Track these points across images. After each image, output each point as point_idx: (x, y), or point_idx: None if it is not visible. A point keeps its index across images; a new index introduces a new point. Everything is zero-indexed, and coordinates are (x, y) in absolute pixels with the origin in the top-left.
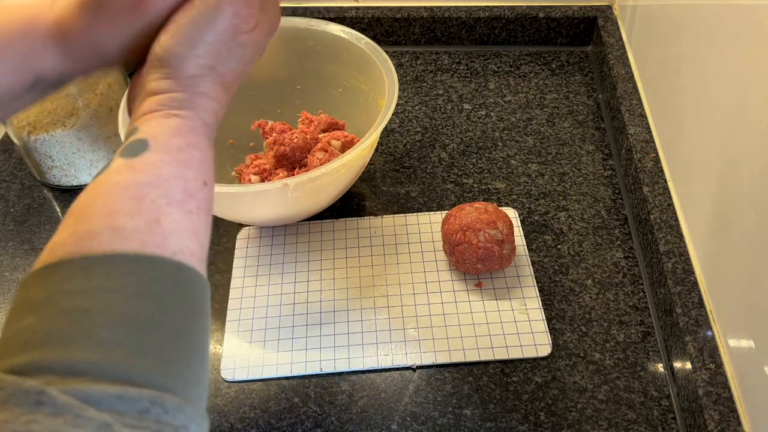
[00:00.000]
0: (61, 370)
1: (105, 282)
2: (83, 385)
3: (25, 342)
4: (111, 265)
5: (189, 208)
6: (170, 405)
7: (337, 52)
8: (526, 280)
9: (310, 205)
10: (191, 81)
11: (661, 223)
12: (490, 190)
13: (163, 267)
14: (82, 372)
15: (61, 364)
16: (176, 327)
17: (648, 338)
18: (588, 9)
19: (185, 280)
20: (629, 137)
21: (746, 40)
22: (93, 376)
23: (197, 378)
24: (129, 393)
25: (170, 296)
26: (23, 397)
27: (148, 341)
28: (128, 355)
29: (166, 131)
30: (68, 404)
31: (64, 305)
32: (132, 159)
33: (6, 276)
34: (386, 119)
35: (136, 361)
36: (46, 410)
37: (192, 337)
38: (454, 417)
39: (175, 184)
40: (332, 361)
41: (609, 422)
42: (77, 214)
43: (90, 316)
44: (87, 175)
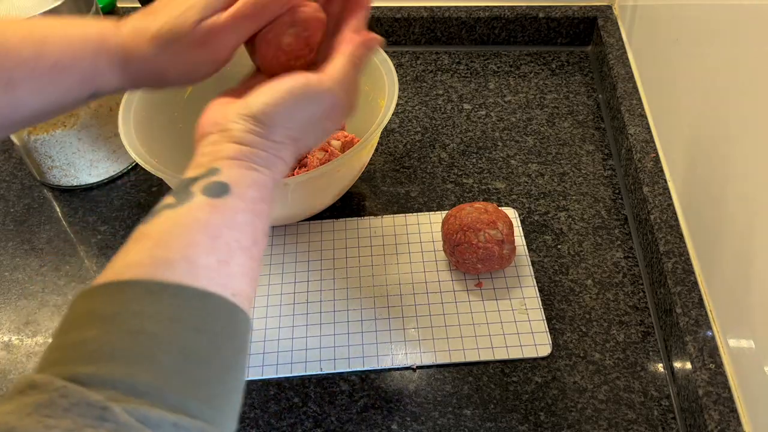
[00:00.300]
0: (123, 387)
1: (173, 311)
2: (144, 408)
3: (91, 352)
4: (179, 296)
5: (253, 254)
6: None
7: None
8: (526, 280)
9: (310, 205)
10: (276, 146)
11: (661, 223)
12: (490, 190)
13: (221, 306)
14: (144, 393)
15: (125, 382)
16: (225, 363)
17: (648, 338)
18: (588, 9)
19: (236, 320)
20: (629, 137)
21: (746, 40)
22: (153, 400)
23: (235, 413)
24: (183, 422)
25: (223, 334)
26: (87, 409)
27: (202, 374)
28: (185, 385)
29: (246, 181)
30: (129, 424)
31: (132, 324)
32: (214, 199)
33: (6, 276)
34: (386, 119)
35: (193, 392)
36: (108, 426)
37: (235, 374)
38: (454, 417)
39: (247, 231)
40: (332, 362)
41: (609, 422)
42: (156, 238)
43: (154, 341)
44: (87, 175)
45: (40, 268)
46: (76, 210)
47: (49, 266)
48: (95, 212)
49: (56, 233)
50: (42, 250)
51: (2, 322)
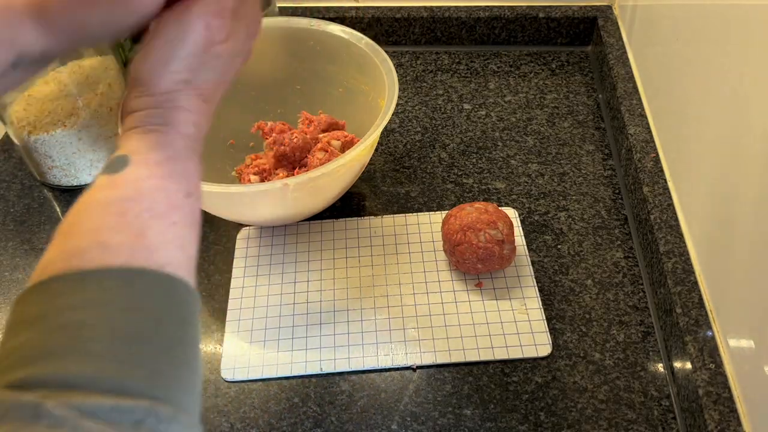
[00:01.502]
0: (55, 383)
1: (97, 296)
2: (78, 398)
3: (21, 358)
4: (102, 280)
5: (173, 219)
6: (164, 415)
7: (337, 52)
8: (526, 280)
9: (310, 205)
10: (167, 97)
11: (661, 223)
12: (490, 190)
13: (151, 280)
14: (77, 385)
15: (56, 377)
16: (167, 338)
17: (648, 338)
18: (588, 9)
19: (174, 291)
20: (629, 137)
21: (746, 40)
22: (87, 389)
23: (189, 388)
24: (123, 404)
25: (160, 308)
26: (21, 411)
27: (141, 353)
28: (121, 367)
29: (144, 146)
30: (65, 417)
31: (58, 320)
32: (113, 175)
33: (6, 276)
34: (386, 119)
35: (129, 372)
36: (44, 423)
37: (183, 348)
38: (454, 417)
39: (157, 198)
40: (332, 361)
41: (609, 422)
42: (65, 232)
43: (83, 329)
44: (87, 175)
45: None
46: None
47: None
48: None
49: None
50: (42, 250)
51: (2, 322)
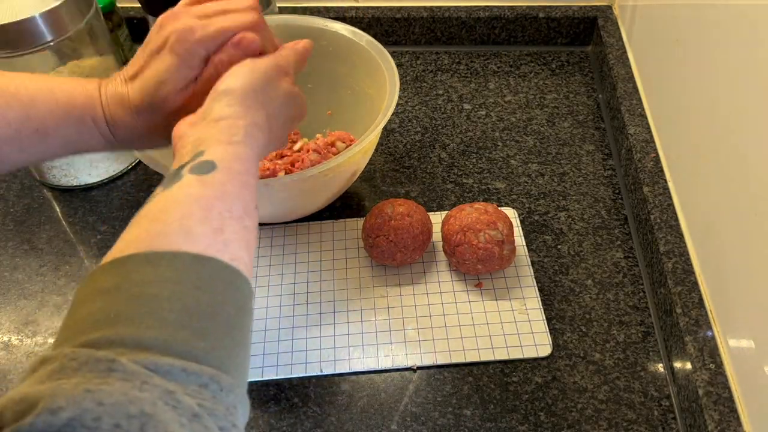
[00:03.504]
0: (131, 344)
1: (170, 274)
2: (152, 357)
3: (96, 321)
4: (176, 261)
5: (245, 224)
6: (225, 384)
7: (348, 55)
8: (526, 280)
9: (302, 206)
10: (250, 111)
11: (661, 223)
12: (490, 190)
13: (220, 268)
14: (151, 347)
15: (131, 339)
16: (229, 320)
17: (648, 338)
18: (588, 9)
19: (237, 282)
20: (629, 137)
21: (746, 40)
22: (160, 351)
23: (243, 366)
24: (192, 368)
25: (224, 293)
26: (96, 364)
27: (207, 327)
28: (191, 336)
29: (229, 155)
30: (137, 372)
31: (133, 291)
32: (203, 176)
33: (6, 276)
34: (383, 122)
35: (197, 342)
36: (116, 375)
37: (240, 331)
38: (454, 417)
39: (236, 202)
40: (332, 363)
41: (609, 422)
42: (151, 216)
43: (157, 301)
44: (87, 175)
45: (40, 268)
46: (76, 210)
47: (49, 266)
48: (95, 212)
49: (56, 233)
50: (42, 250)
51: (2, 322)
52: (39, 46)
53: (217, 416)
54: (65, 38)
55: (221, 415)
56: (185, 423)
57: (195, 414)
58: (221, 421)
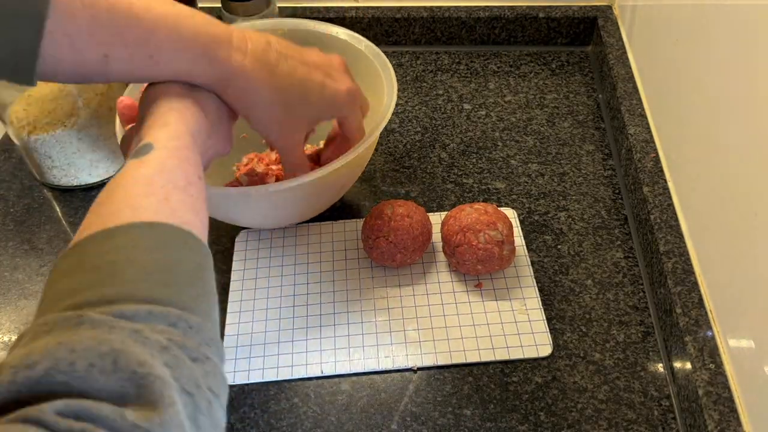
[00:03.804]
0: (95, 302)
1: (125, 242)
2: (116, 307)
3: (61, 296)
4: (130, 231)
5: (190, 192)
6: (194, 323)
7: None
8: (526, 280)
9: (300, 210)
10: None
11: (661, 223)
12: (490, 190)
13: (173, 231)
14: (114, 301)
15: (95, 298)
16: (188, 274)
17: (648, 338)
18: (588, 9)
19: (192, 243)
20: (629, 137)
21: (746, 40)
22: (125, 301)
23: (211, 312)
24: (158, 309)
25: (180, 252)
26: (65, 322)
27: (168, 279)
28: (153, 287)
29: (164, 135)
30: (104, 320)
31: (92, 263)
32: (141, 158)
33: (6, 276)
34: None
35: (161, 290)
36: (85, 327)
37: (202, 284)
38: (454, 417)
39: (177, 173)
40: (333, 364)
41: (609, 422)
42: (100, 202)
43: (115, 265)
44: (87, 175)
45: (40, 268)
46: (76, 210)
47: (49, 266)
48: None
49: (56, 233)
50: (42, 250)
51: (2, 322)
52: None
53: (188, 348)
54: None
55: (192, 348)
56: (155, 354)
57: (164, 347)
58: (193, 353)
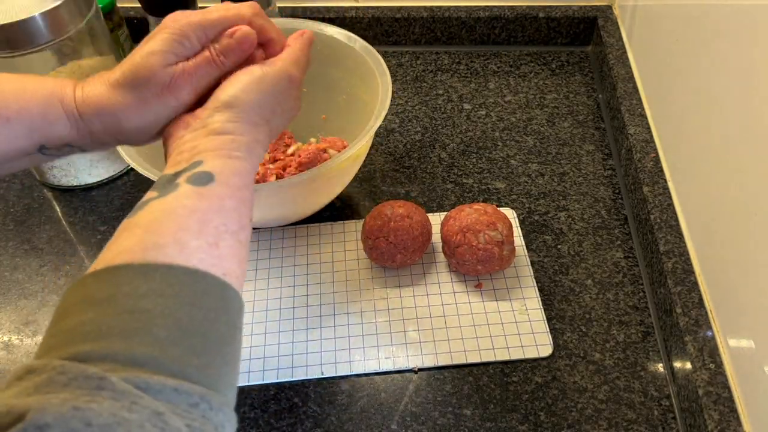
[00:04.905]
0: (122, 360)
1: (163, 288)
2: (144, 375)
3: (86, 333)
4: (170, 275)
5: (240, 238)
6: (215, 403)
7: (343, 59)
8: (526, 280)
9: (293, 211)
10: (253, 128)
11: (661, 223)
12: (490, 190)
13: (212, 283)
14: (143, 363)
15: (123, 355)
16: (220, 336)
17: (648, 338)
18: (588, 9)
19: (228, 297)
20: (629, 137)
21: (746, 40)
22: (152, 369)
23: (232, 384)
24: (183, 387)
25: (216, 309)
26: (85, 381)
27: (199, 344)
28: (183, 353)
29: (228, 170)
30: (127, 391)
31: (125, 304)
32: (200, 188)
33: (6, 276)
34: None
35: (189, 359)
36: (106, 394)
37: (231, 348)
38: (454, 417)
39: (233, 216)
40: (333, 365)
41: (609, 422)
42: (145, 226)
43: (149, 316)
44: (87, 175)
45: (40, 268)
46: (76, 210)
47: (49, 266)
48: (95, 212)
49: (56, 233)
50: (42, 250)
51: (2, 322)
52: (39, 46)
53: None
54: (65, 38)
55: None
56: None
57: None
58: None
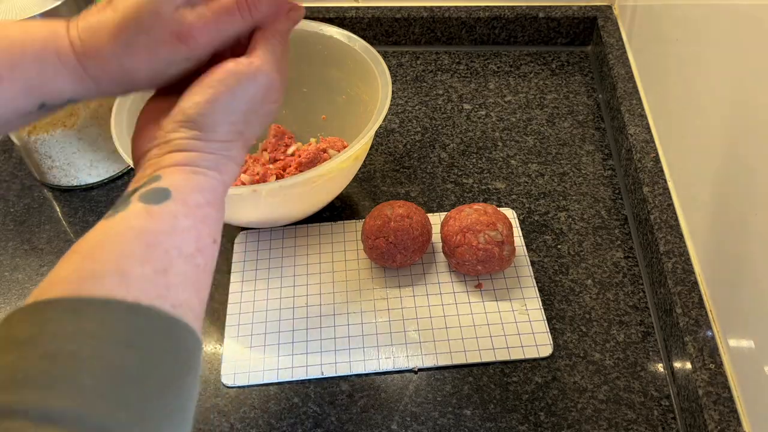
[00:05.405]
0: (36, 415)
1: (95, 328)
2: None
3: (2, 381)
4: (104, 312)
5: (197, 262)
6: None
7: (343, 59)
8: (526, 280)
9: (292, 211)
10: (222, 146)
11: (661, 223)
12: (490, 190)
13: (157, 319)
14: (59, 420)
15: (38, 409)
16: (162, 382)
17: (648, 338)
18: (588, 9)
19: (178, 335)
20: (629, 137)
21: (746, 40)
22: (68, 426)
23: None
24: None
25: (160, 350)
26: None
27: (132, 393)
28: (109, 406)
29: (188, 186)
30: None
31: (49, 347)
32: (152, 206)
33: (6, 276)
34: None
35: (116, 413)
36: None
37: (177, 394)
38: (454, 417)
39: (188, 238)
40: (333, 365)
41: (609, 422)
42: (85, 252)
43: (74, 361)
44: (87, 175)
45: (40, 268)
46: (76, 210)
47: (49, 266)
48: (95, 212)
49: (56, 233)
50: (42, 250)
51: None
52: None
53: None
54: None
55: None
56: None
57: None
58: None
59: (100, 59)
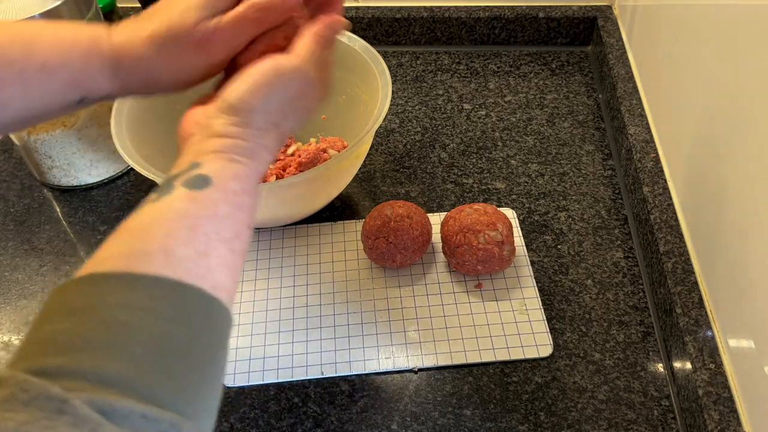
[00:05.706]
0: (91, 378)
1: (145, 301)
2: (111, 398)
3: (60, 345)
4: (154, 287)
5: (233, 247)
6: (186, 430)
7: (343, 59)
8: (526, 280)
9: (292, 211)
10: (258, 133)
11: (661, 223)
12: (490, 190)
13: (199, 298)
14: (113, 384)
15: (93, 372)
16: (202, 356)
17: (648, 338)
18: (588, 9)
19: (215, 313)
20: (629, 137)
21: (746, 40)
22: (122, 390)
23: (211, 408)
24: (152, 413)
25: (200, 326)
26: (46, 402)
27: (177, 365)
28: (158, 374)
29: (227, 173)
30: (88, 417)
31: (104, 315)
32: (194, 191)
33: (6, 276)
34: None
35: (164, 381)
36: (65, 419)
37: (213, 369)
38: (454, 417)
39: (227, 223)
40: (333, 365)
41: (609, 422)
42: (134, 231)
43: (128, 330)
44: (87, 175)
45: (40, 268)
46: (76, 210)
47: (49, 266)
48: (95, 212)
49: (56, 233)
50: (42, 250)
51: (2, 322)
52: None
53: None
54: None
55: None
56: None
57: None
58: None
59: (131, 62)
